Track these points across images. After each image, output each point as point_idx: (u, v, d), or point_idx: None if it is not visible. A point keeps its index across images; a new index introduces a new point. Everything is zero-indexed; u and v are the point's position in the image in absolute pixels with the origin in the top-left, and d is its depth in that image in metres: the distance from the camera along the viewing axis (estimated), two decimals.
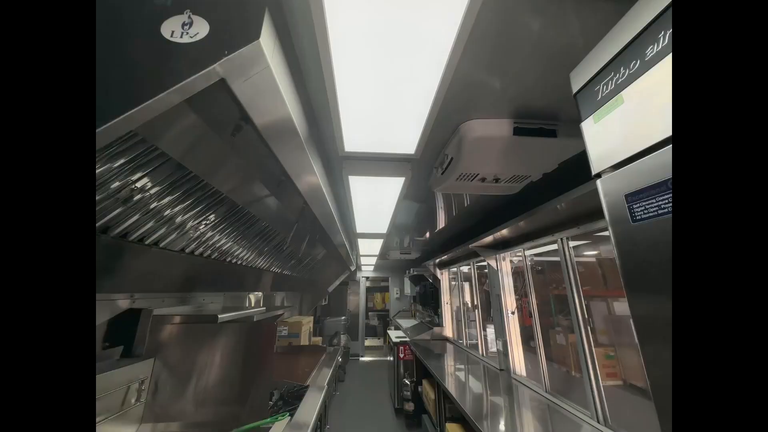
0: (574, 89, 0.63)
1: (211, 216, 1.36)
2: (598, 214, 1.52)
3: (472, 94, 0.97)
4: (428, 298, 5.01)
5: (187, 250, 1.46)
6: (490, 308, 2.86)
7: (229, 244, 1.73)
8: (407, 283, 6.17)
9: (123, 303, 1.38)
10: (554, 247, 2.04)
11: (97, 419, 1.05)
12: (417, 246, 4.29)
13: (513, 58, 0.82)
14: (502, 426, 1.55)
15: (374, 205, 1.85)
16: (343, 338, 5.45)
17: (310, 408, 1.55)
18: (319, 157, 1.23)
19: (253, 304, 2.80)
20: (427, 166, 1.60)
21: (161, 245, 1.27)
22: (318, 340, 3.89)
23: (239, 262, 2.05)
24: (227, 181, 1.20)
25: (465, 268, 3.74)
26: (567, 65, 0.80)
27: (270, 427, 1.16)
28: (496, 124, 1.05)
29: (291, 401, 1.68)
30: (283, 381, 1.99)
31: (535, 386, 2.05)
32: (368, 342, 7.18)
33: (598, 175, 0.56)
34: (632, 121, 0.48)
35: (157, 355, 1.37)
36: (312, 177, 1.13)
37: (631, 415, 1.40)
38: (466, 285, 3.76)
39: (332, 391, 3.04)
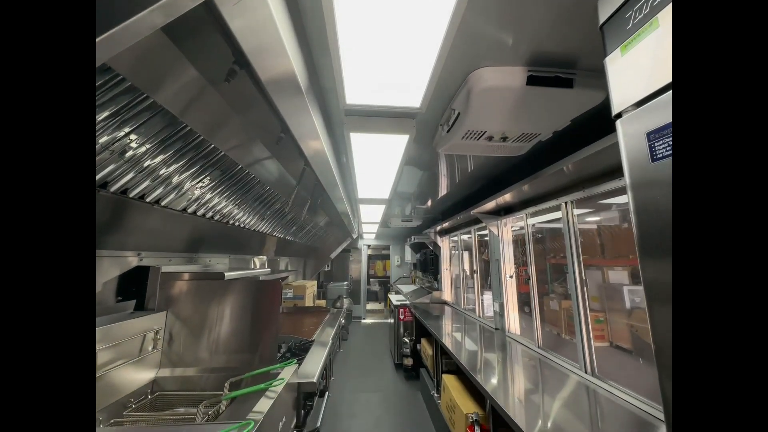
0: (602, 19, 0.56)
1: (207, 176, 1.34)
2: (604, 176, 1.48)
3: (483, 38, 0.88)
4: (428, 265, 5.14)
5: (189, 211, 1.46)
6: (488, 276, 2.94)
7: (230, 207, 1.73)
8: (408, 250, 6.30)
9: (131, 261, 1.41)
10: (554, 216, 2.03)
11: (118, 363, 1.13)
12: (418, 213, 4.30)
13: None
14: (496, 374, 1.66)
15: (377, 166, 1.81)
16: (346, 301, 5.70)
17: (316, 358, 1.66)
18: (319, 111, 1.17)
19: (258, 267, 2.89)
20: (432, 128, 1.53)
21: (162, 204, 1.27)
22: (322, 302, 4.06)
23: (242, 226, 2.07)
24: (221, 135, 1.16)
25: (465, 237, 3.78)
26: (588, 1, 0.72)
27: (279, 372, 1.24)
28: (509, 72, 0.97)
29: (298, 353, 1.79)
30: (290, 336, 2.11)
31: (529, 343, 2.17)
32: (369, 306, 7.52)
33: (619, 116, 0.52)
34: (667, 47, 0.43)
35: (169, 309, 1.44)
36: (312, 130, 1.08)
37: (614, 369, 1.50)
38: (466, 254, 3.83)
39: (336, 347, 3.25)
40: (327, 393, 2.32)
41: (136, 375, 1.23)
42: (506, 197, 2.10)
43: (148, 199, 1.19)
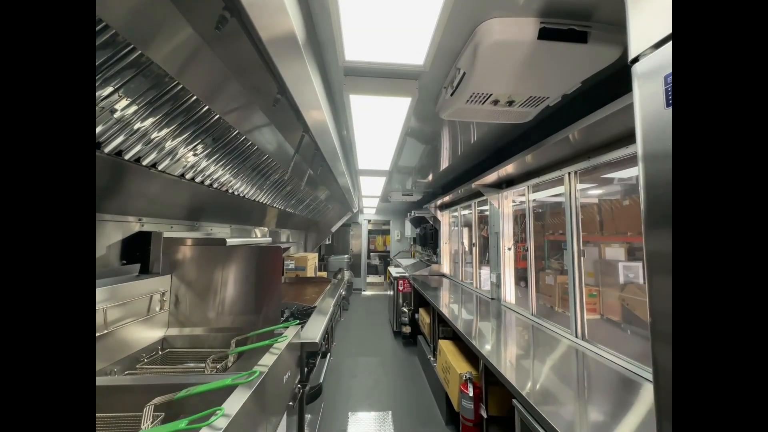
0: None
1: (201, 142, 1.30)
2: (611, 145, 1.44)
3: None
4: (428, 239, 5.20)
5: (187, 177, 1.44)
6: (486, 252, 2.97)
7: (227, 176, 1.71)
8: (408, 225, 6.34)
9: (133, 226, 1.42)
10: (554, 191, 2.02)
11: (127, 320, 1.18)
12: (419, 187, 4.27)
13: None
14: (490, 338, 1.73)
15: (378, 133, 1.76)
16: (347, 274, 5.83)
17: (318, 322, 1.73)
18: (318, 70, 1.11)
19: (259, 236, 2.92)
20: (435, 95, 1.47)
21: (159, 168, 1.25)
22: (323, 274, 4.16)
23: (242, 195, 2.06)
24: (214, 94, 1.11)
25: (465, 212, 3.78)
26: None
27: (283, 332, 1.30)
28: (519, 24, 0.91)
29: (301, 317, 1.86)
30: (293, 302, 2.18)
31: (523, 311, 2.25)
32: (369, 279, 7.72)
33: (636, 60, 0.49)
34: None
35: (173, 273, 1.47)
36: (310, 89, 1.03)
37: (604, 338, 1.58)
38: (465, 230, 3.85)
39: (337, 316, 3.38)
40: (329, 355, 2.45)
41: (146, 333, 1.29)
42: (508, 168, 2.07)
43: (144, 162, 1.17)
